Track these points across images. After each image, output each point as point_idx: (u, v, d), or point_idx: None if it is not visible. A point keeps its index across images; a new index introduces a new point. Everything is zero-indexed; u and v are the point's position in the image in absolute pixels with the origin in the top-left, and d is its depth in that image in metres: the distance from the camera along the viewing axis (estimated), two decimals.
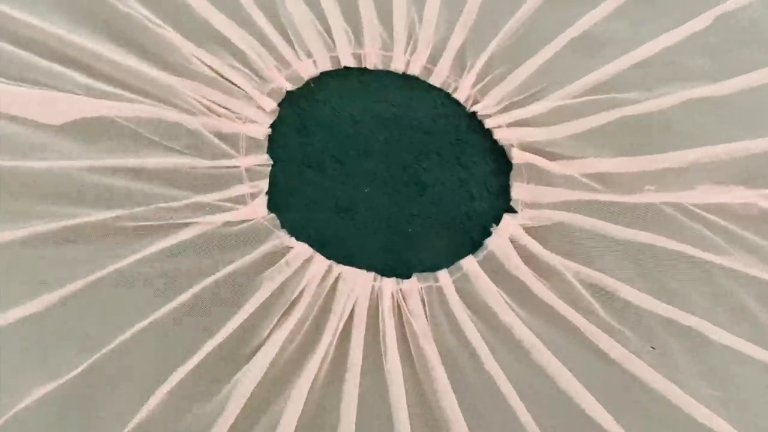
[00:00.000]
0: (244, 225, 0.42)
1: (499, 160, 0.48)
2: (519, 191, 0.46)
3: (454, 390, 0.39)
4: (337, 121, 0.47)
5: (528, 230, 0.45)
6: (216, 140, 0.44)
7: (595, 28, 0.51)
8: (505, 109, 0.48)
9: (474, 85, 0.49)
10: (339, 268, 0.43)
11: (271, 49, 0.48)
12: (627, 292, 0.44)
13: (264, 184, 0.44)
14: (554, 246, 0.45)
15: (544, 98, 0.49)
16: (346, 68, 0.49)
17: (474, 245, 0.45)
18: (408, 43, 0.49)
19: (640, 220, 0.46)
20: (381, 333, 0.41)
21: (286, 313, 0.40)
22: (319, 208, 0.45)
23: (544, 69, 0.49)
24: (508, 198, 0.47)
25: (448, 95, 0.49)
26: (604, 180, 0.47)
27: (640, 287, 0.44)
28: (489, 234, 0.45)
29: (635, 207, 0.47)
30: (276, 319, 0.40)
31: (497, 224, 0.46)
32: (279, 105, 0.47)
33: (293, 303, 0.41)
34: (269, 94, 0.47)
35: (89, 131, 0.42)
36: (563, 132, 0.48)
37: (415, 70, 0.49)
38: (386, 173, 0.46)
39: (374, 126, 0.47)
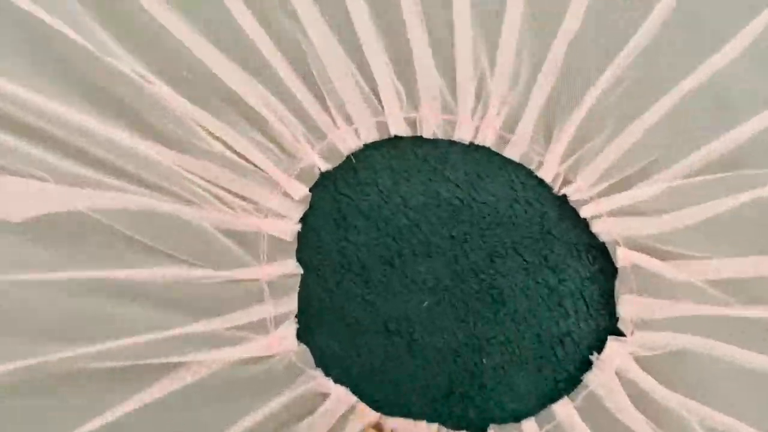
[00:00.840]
0: (267, 364, 0.36)
1: (600, 261, 0.40)
2: (628, 306, 0.39)
3: None
4: (387, 210, 0.40)
5: (640, 360, 0.38)
6: (228, 242, 0.38)
7: (720, 79, 0.42)
8: (606, 192, 0.41)
9: (564, 159, 0.41)
10: (391, 422, 0.35)
11: (300, 114, 0.40)
12: None
13: (292, 303, 0.38)
14: (675, 382, 0.38)
15: (656, 175, 0.41)
16: (396, 137, 0.41)
17: (569, 382, 0.38)
18: (477, 103, 0.41)
19: None
20: None
21: None
22: (363, 330, 0.38)
23: (654, 135, 0.41)
24: (612, 313, 0.39)
25: (530, 173, 0.42)
26: (737, 288, 0.40)
27: None
28: (589, 366, 0.38)
29: None
30: None
31: (599, 352, 0.38)
32: (311, 190, 0.40)
33: None
34: (298, 177, 0.40)
35: (56, 231, 0.36)
36: (681, 222, 0.41)
37: (486, 140, 0.41)
38: (451, 280, 0.39)
39: (434, 215, 0.40)
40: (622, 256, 0.41)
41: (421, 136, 0.42)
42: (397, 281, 0.40)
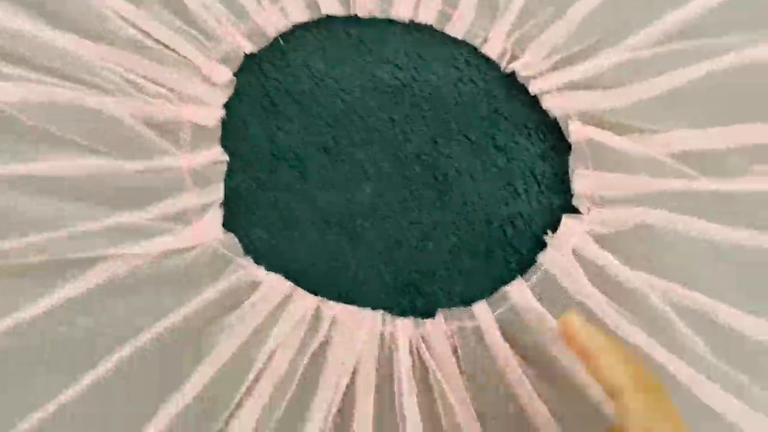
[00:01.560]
0: (191, 255, 0.33)
1: (551, 138, 0.38)
2: (582, 182, 0.38)
3: None
4: (320, 95, 0.38)
5: (598, 238, 0.36)
6: (148, 132, 0.35)
7: None
8: (556, 67, 0.39)
9: (510, 34, 0.39)
10: (332, 308, 0.34)
11: None
12: (738, 319, 0.35)
13: (217, 192, 0.35)
14: (635, 259, 0.37)
15: (609, 49, 0.39)
16: (328, 17, 0.39)
17: (522, 264, 0.36)
18: None
19: (749, 215, 0.38)
20: (396, 397, 0.33)
21: (260, 375, 0.32)
22: (298, 222, 0.36)
23: (609, 6, 0.39)
24: (566, 192, 0.37)
25: (474, 50, 0.40)
26: (698, 161, 0.39)
27: (757, 311, 0.35)
28: (543, 246, 0.36)
29: (743, 197, 0.38)
30: (246, 385, 0.32)
31: (554, 231, 0.36)
32: (236, 74, 0.38)
33: (269, 361, 0.33)
34: (222, 60, 0.37)
35: None
36: (636, 95, 0.40)
37: (427, 17, 0.39)
38: (393, 166, 0.37)
39: (372, 99, 0.38)
40: (576, 131, 0.39)
41: (355, 16, 0.40)
42: (334, 170, 0.38)
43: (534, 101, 0.40)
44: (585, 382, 0.34)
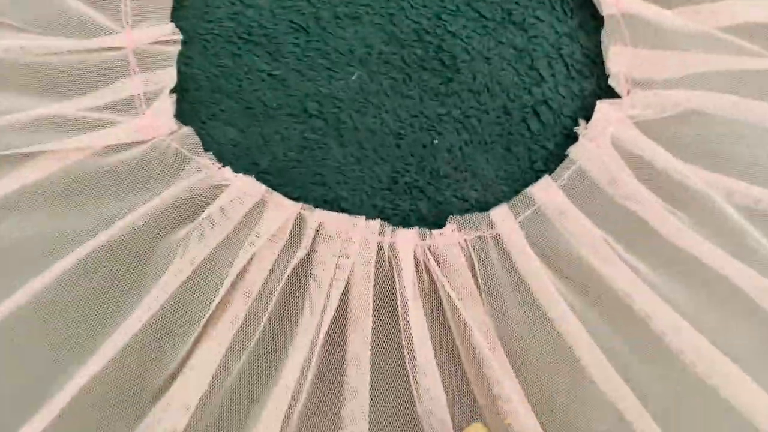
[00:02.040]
0: (138, 150, 0.27)
1: (579, 13, 0.32)
2: (619, 60, 0.31)
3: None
4: None
5: (641, 125, 0.30)
6: (78, 3, 0.28)
7: None
8: None
9: None
10: (317, 216, 0.27)
11: None
12: None
13: (168, 76, 0.29)
14: (689, 152, 0.30)
15: None
16: None
17: (550, 161, 0.30)
18: None
19: None
20: (400, 318, 0.27)
21: (229, 298, 0.27)
22: (270, 114, 0.29)
23: None
24: (600, 76, 0.31)
25: None
26: (752, 34, 0.32)
27: None
28: (574, 138, 0.30)
29: None
30: (210, 310, 0.26)
31: (587, 120, 0.30)
32: None
33: (239, 280, 0.27)
34: None
35: None
36: None
37: None
38: (387, 46, 0.30)
39: None
40: (608, 2, 0.33)
41: None
42: (314, 52, 0.31)
43: None
44: (630, 297, 0.28)
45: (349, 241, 0.28)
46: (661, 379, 0.28)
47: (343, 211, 0.29)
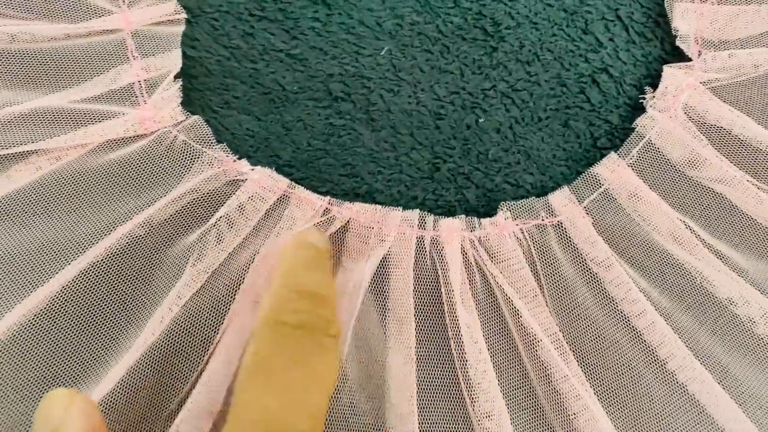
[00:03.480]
0: (141, 144, 0.25)
1: None
2: (687, 17, 0.28)
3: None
4: None
5: (716, 91, 0.27)
6: None
7: None
8: None
9: None
10: (347, 208, 0.25)
11: None
12: None
13: (172, 61, 0.27)
14: None
15: None
16: None
17: (615, 136, 0.27)
18: None
19: None
20: (449, 332, 0.24)
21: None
22: (289, 99, 0.27)
23: None
24: (666, 39, 0.28)
25: None
26: None
27: None
28: (641, 110, 0.27)
29: None
30: (228, 315, 0.24)
31: (654, 87, 0.27)
32: None
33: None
34: None
35: None
36: None
37: None
38: (420, 15, 0.28)
39: None
40: None
41: None
42: (337, 27, 0.28)
43: None
44: (718, 289, 0.25)
45: (384, 236, 0.25)
46: (763, 383, 0.25)
47: (375, 202, 0.26)
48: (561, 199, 0.26)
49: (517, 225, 0.26)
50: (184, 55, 0.27)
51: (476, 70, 0.28)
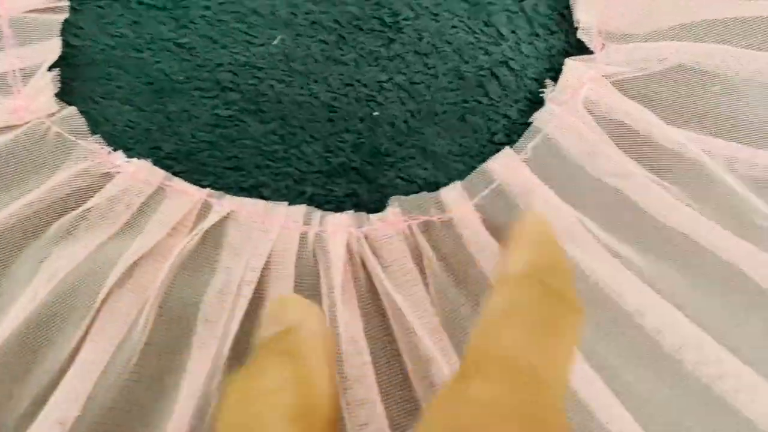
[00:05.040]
0: (12, 135, 0.25)
1: None
2: (590, 8, 0.28)
3: None
4: None
5: (619, 85, 0.27)
6: None
7: None
8: None
9: None
10: (227, 202, 0.25)
11: None
12: None
13: (50, 50, 0.26)
14: (676, 112, 0.27)
15: None
16: None
17: (512, 132, 0.27)
18: None
19: None
20: (328, 315, 0.24)
21: (112, 298, 0.24)
22: (176, 88, 0.27)
23: None
24: (569, 31, 0.28)
25: None
26: None
27: None
28: (541, 104, 0.27)
29: None
30: (91, 314, 0.24)
31: (554, 80, 0.27)
32: None
33: (128, 277, 0.24)
34: None
35: None
36: None
37: None
38: (317, 5, 0.28)
39: None
40: None
41: None
42: (229, 15, 0.28)
43: None
44: (613, 289, 0.25)
45: (265, 232, 0.25)
46: (659, 389, 0.25)
47: (262, 197, 0.26)
48: (452, 195, 0.26)
49: (405, 221, 0.26)
50: (68, 44, 0.27)
51: (372, 61, 0.28)
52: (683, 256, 0.25)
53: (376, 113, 0.27)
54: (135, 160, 0.25)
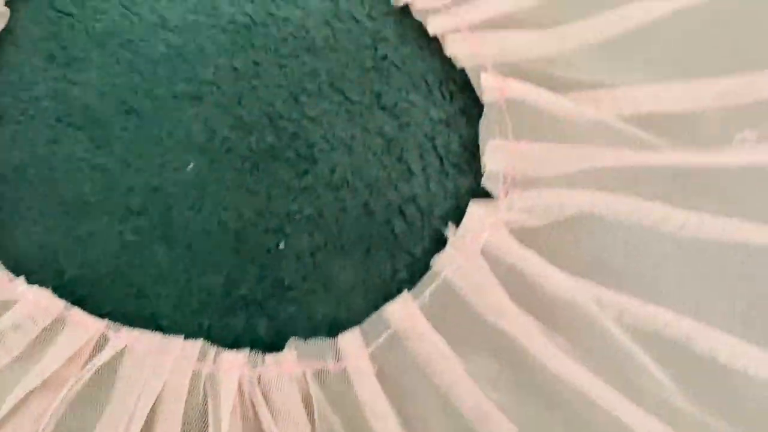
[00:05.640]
0: None
1: (459, 97, 0.31)
2: (497, 155, 0.30)
3: None
4: (134, 34, 0.30)
5: (518, 233, 0.29)
6: None
7: None
8: None
9: None
10: (125, 336, 0.25)
11: None
12: (720, 344, 0.27)
13: None
14: (571, 263, 0.28)
15: None
16: None
17: (415, 270, 0.29)
18: None
19: (730, 200, 0.30)
20: None
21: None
22: (86, 210, 0.28)
23: None
24: (478, 171, 0.30)
25: None
26: (659, 125, 0.31)
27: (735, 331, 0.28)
28: (442, 244, 0.28)
29: (723, 175, 0.30)
30: None
31: (456, 223, 0.28)
32: (9, 5, 0.30)
33: (14, 415, 0.24)
34: None
35: None
36: (575, 37, 0.32)
37: None
38: (233, 131, 0.29)
39: (209, 40, 0.31)
40: (490, 86, 0.31)
41: None
42: (145, 138, 0.29)
43: (436, 46, 0.32)
44: None
45: (158, 368, 0.26)
46: None
47: (161, 330, 0.27)
48: (350, 342, 0.27)
49: (300, 367, 0.27)
50: None
51: (285, 192, 0.29)
52: (567, 408, 0.27)
53: (281, 245, 0.28)
54: (36, 287, 0.26)
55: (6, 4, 0.30)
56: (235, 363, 0.26)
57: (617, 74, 0.32)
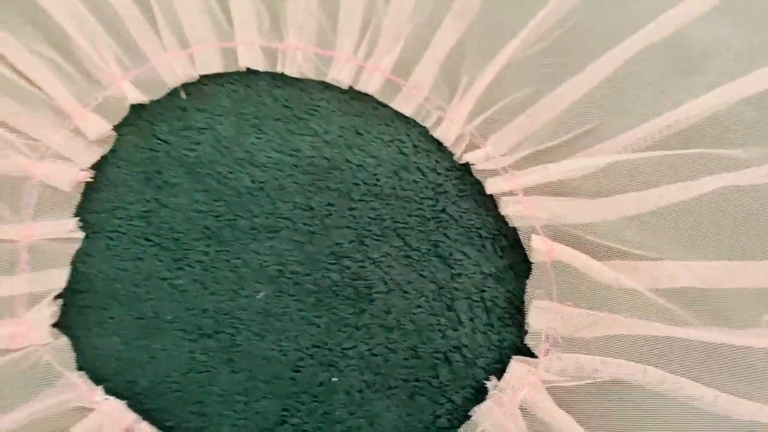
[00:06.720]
0: (8, 357, 0.29)
1: (510, 253, 0.34)
2: (541, 316, 0.33)
3: None
4: (222, 166, 0.34)
5: (554, 392, 0.31)
6: None
7: (682, 34, 0.37)
8: (523, 164, 0.35)
9: (471, 118, 0.35)
10: None
11: (116, 30, 0.34)
12: None
13: (58, 279, 0.30)
14: (603, 425, 0.31)
15: (590, 148, 0.35)
16: (249, 72, 0.35)
17: (454, 416, 0.32)
18: (362, 37, 0.35)
19: (757, 380, 0.32)
20: None
21: None
22: (161, 328, 0.30)
23: (592, 98, 0.35)
24: (522, 326, 0.32)
25: (425, 132, 0.35)
26: (693, 302, 0.34)
27: None
28: (483, 396, 0.31)
29: (752, 355, 0.33)
30: None
31: (498, 377, 0.31)
32: (117, 129, 0.33)
33: None
34: (98, 109, 0.33)
35: None
36: (620, 209, 0.35)
37: (370, 85, 0.35)
38: (302, 265, 0.32)
39: (289, 178, 0.35)
40: (539, 248, 0.34)
41: (282, 74, 0.36)
42: (222, 263, 0.32)
43: (491, 203, 0.35)
44: None
45: None
46: None
47: None
48: None
49: None
50: (75, 270, 0.31)
51: (342, 327, 0.32)
52: None
53: (335, 379, 0.31)
54: (111, 398, 0.29)
55: (114, 128, 0.34)
56: None
57: (657, 248, 0.34)
